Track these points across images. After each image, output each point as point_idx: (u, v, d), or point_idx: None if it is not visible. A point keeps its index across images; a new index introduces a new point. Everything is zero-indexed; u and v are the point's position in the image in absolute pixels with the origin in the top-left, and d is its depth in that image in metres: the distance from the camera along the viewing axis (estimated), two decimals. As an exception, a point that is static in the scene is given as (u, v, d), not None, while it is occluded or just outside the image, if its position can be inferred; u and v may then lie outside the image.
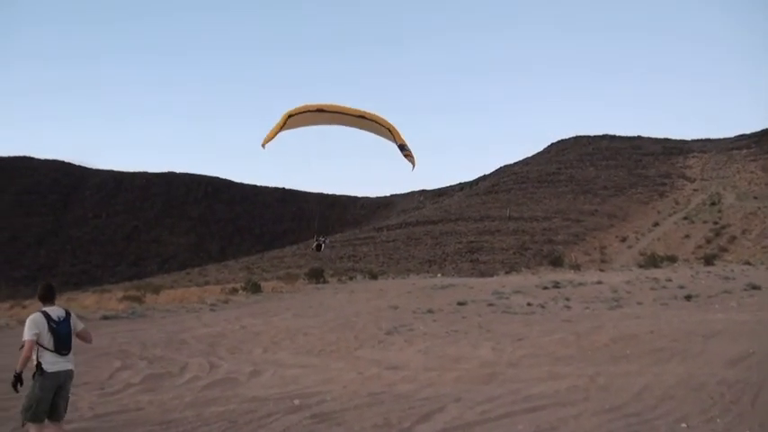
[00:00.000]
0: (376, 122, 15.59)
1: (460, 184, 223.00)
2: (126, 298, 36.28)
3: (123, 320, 27.55)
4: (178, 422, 10.29)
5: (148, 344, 20.16)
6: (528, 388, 12.56)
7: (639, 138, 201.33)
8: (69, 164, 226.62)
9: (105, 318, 27.44)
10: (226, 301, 37.65)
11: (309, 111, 15.14)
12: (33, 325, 7.57)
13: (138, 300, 35.54)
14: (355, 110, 15.49)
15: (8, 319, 26.79)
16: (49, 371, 7.53)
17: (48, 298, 7.94)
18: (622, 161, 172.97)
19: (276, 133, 14.79)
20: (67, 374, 7.74)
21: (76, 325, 7.95)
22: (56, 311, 7.79)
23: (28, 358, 7.51)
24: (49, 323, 7.62)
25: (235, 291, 43.85)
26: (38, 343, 7.59)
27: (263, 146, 14.82)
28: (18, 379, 7.51)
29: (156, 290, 45.12)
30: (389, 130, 15.51)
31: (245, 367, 15.94)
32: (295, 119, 15.20)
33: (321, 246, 20.07)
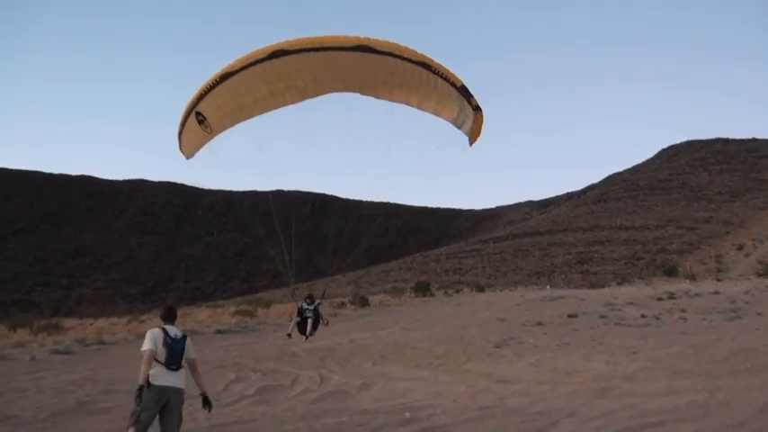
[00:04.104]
0: (427, 68, 9.32)
1: (568, 193, 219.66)
2: (238, 312, 37.19)
3: (236, 334, 28.26)
4: (291, 434, 10.42)
5: (261, 357, 20.59)
6: (645, 403, 12.15)
7: (754, 140, 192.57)
8: (182, 185, 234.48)
9: (219, 332, 28.19)
10: (334, 315, 38.08)
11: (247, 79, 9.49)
12: (151, 337, 7.92)
13: (250, 314, 36.35)
14: (379, 43, 9.20)
15: (126, 333, 27.90)
16: (155, 383, 7.77)
17: (168, 318, 8.32)
18: (737, 165, 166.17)
19: (193, 141, 10.65)
20: (174, 391, 7.90)
21: (189, 350, 8.21)
22: (173, 330, 8.12)
23: (147, 369, 7.81)
24: (165, 338, 7.94)
25: (343, 304, 44.34)
26: None
27: (187, 157, 11.15)
28: (141, 390, 7.77)
29: (267, 304, 46.10)
30: (453, 87, 9.56)
31: (355, 380, 16.05)
32: (213, 102, 9.91)
33: (308, 319, 15.16)
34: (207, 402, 8.26)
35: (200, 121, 10.22)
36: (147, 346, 7.85)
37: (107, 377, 16.80)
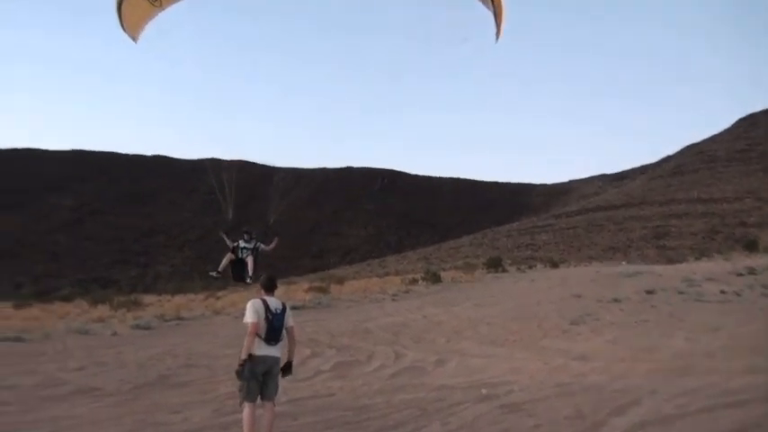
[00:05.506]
0: None
1: (643, 166, 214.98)
2: (311, 289, 37.57)
3: (310, 310, 28.58)
4: (369, 408, 10.51)
5: (335, 333, 20.78)
6: (727, 381, 11.84)
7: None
8: (253, 163, 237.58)
9: (293, 308, 28.41)
10: (406, 291, 38.19)
11: None
12: (253, 310, 8.00)
13: (323, 291, 36.69)
14: None
15: (203, 309, 28.51)
16: (256, 354, 7.92)
17: (269, 288, 8.37)
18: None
19: (138, 15, 9.49)
20: (274, 360, 8.08)
21: (288, 320, 8.28)
22: (274, 303, 8.18)
23: (252, 342, 7.91)
24: (266, 313, 8.02)
25: (415, 281, 44.36)
26: None
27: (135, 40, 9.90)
28: (243, 366, 7.91)
29: (340, 281, 46.44)
30: None
31: (430, 356, 16.07)
32: None
33: (248, 258, 13.38)
34: (288, 369, 8.37)
35: None
36: (250, 318, 7.94)
37: (186, 352, 17.20)
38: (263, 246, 13.84)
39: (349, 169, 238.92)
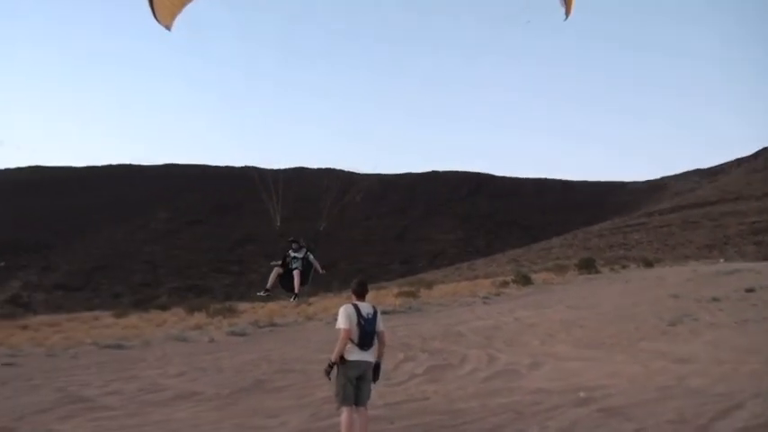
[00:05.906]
0: None
1: (738, 159, 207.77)
2: (401, 294, 37.60)
3: (401, 315, 28.65)
4: (465, 412, 10.47)
5: (427, 336, 20.78)
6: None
7: None
8: (339, 170, 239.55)
9: (384, 312, 28.54)
10: (497, 294, 37.90)
11: None
12: (346, 315, 8.13)
13: (413, 295, 36.69)
14: None
15: (296, 315, 28.88)
16: (350, 359, 8.04)
17: (361, 293, 8.45)
18: None
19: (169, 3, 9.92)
20: (367, 365, 8.19)
21: (379, 324, 8.36)
22: (366, 308, 8.27)
23: (343, 347, 8.05)
24: (359, 318, 8.12)
25: (505, 284, 43.97)
26: None
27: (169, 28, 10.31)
28: (332, 367, 8.09)
29: (429, 285, 46.32)
30: None
31: (524, 359, 15.89)
32: None
33: (295, 271, 12.83)
34: (377, 372, 8.42)
35: None
36: (343, 324, 8.06)
37: (281, 357, 17.48)
38: (312, 257, 13.50)
39: (435, 173, 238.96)
